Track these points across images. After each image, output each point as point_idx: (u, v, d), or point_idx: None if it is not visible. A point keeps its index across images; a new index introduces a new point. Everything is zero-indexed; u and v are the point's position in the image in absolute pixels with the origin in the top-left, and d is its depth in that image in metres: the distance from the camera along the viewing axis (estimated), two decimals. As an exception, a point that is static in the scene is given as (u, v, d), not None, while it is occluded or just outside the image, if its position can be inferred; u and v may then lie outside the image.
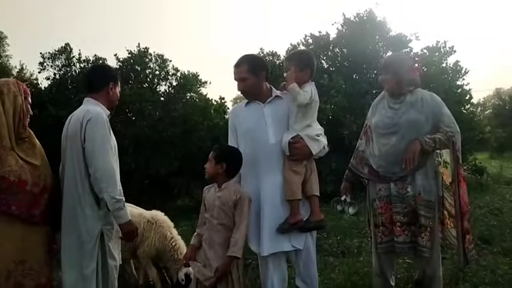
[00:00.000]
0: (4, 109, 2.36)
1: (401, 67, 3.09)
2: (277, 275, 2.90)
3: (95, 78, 2.90)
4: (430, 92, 3.29)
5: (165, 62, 11.82)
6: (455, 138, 2.96)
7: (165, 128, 10.54)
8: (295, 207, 2.75)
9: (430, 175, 3.05)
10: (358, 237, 5.64)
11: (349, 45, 11.81)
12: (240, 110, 3.11)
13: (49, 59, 11.50)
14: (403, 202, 3.07)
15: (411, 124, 3.03)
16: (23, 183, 2.33)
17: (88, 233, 2.59)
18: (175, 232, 4.38)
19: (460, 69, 11.39)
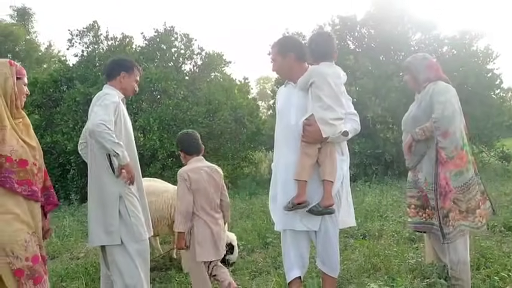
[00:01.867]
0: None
1: (418, 68, 3.30)
2: (294, 251, 2.95)
3: (109, 67, 3.31)
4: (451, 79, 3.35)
5: (190, 41, 11.86)
6: (438, 123, 3.07)
7: (189, 107, 10.64)
8: (300, 188, 2.78)
9: (432, 159, 3.17)
10: (379, 220, 5.65)
11: (377, 26, 11.58)
12: (280, 90, 3.22)
13: (77, 36, 11.68)
14: (416, 187, 3.32)
15: (413, 120, 3.28)
16: (24, 162, 2.40)
17: (108, 196, 3.00)
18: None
19: (491, 53, 11.05)
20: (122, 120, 3.09)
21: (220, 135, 10.82)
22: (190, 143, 3.49)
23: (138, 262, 3.06)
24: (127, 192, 3.04)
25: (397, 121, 10.32)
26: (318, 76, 2.81)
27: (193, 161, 3.42)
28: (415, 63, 3.34)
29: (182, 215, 3.25)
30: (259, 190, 9.51)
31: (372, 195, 7.32)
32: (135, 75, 3.29)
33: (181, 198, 3.29)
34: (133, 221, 3.03)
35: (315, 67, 2.88)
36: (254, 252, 4.92)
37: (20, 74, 2.50)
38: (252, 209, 7.19)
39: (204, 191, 3.30)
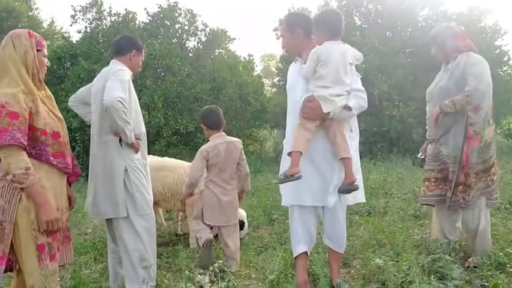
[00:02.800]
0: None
1: (444, 37, 3.27)
2: (302, 227, 2.97)
3: (121, 43, 3.26)
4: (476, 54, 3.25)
5: (194, 17, 11.72)
6: (471, 97, 3.05)
7: (193, 84, 10.59)
8: (293, 159, 2.75)
9: (460, 133, 3.16)
10: (384, 197, 5.67)
11: (384, 1, 11.39)
12: (290, 67, 3.16)
13: (80, 12, 11.56)
14: (436, 161, 3.33)
15: (440, 91, 3.25)
16: (57, 134, 2.42)
17: (115, 168, 3.02)
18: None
19: (499, 29, 10.88)
20: (132, 97, 3.10)
21: (225, 113, 10.69)
22: (213, 119, 3.70)
23: (144, 237, 3.09)
24: (132, 166, 3.06)
25: (403, 98, 10.29)
26: (323, 55, 2.77)
27: (214, 137, 3.65)
28: (441, 33, 3.31)
29: (190, 179, 3.64)
30: (264, 168, 9.55)
31: (377, 172, 7.32)
32: (142, 56, 3.31)
33: (192, 167, 3.66)
34: (137, 195, 3.05)
35: (319, 47, 2.81)
36: (260, 228, 4.96)
37: (39, 45, 2.44)
38: (257, 186, 7.23)
39: (219, 165, 3.59)
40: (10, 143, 2.15)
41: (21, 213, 2.24)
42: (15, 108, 2.19)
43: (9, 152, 2.18)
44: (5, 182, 2.25)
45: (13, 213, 2.23)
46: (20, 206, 2.24)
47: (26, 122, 2.23)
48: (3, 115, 2.17)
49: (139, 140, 3.11)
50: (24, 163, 2.19)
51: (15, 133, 2.17)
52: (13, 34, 2.38)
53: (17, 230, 2.24)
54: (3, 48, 2.35)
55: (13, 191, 2.24)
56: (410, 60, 10.67)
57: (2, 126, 2.16)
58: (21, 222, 2.25)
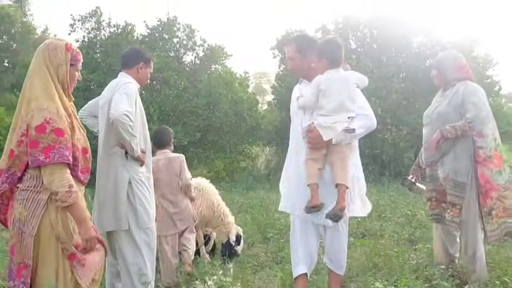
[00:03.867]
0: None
1: (447, 66, 3.39)
2: (302, 247, 2.96)
3: (128, 56, 3.28)
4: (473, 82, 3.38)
5: (193, 32, 11.84)
6: (473, 123, 3.19)
7: (189, 98, 10.65)
8: (312, 191, 2.79)
9: (462, 158, 3.28)
10: (378, 220, 5.71)
11: (379, 27, 11.64)
12: (295, 88, 3.18)
13: (79, 21, 11.59)
14: (435, 182, 3.47)
15: (439, 116, 3.36)
16: (85, 150, 2.40)
17: (119, 180, 3.00)
18: (219, 198, 4.59)
19: (491, 60, 11.18)
20: (139, 111, 3.11)
21: (220, 128, 10.85)
22: (156, 139, 3.95)
23: (144, 251, 3.08)
24: (136, 179, 3.06)
25: (396, 122, 10.44)
26: (323, 84, 2.82)
27: (157, 154, 3.92)
28: (445, 62, 3.42)
29: None
30: (256, 184, 9.56)
31: (369, 194, 7.34)
32: (150, 68, 3.33)
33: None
34: (139, 208, 3.04)
35: (319, 77, 2.86)
36: (254, 246, 4.95)
37: (75, 60, 2.37)
38: (249, 203, 7.23)
39: (162, 180, 3.81)
40: (59, 161, 2.14)
41: (44, 227, 2.21)
42: (59, 124, 2.16)
43: (55, 169, 2.15)
44: (31, 193, 2.22)
45: (35, 226, 2.19)
46: (44, 219, 2.21)
47: (70, 138, 2.21)
48: (47, 131, 2.13)
49: (144, 153, 3.12)
50: (67, 181, 2.17)
51: (63, 151, 2.15)
52: (50, 45, 2.32)
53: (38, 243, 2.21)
54: (38, 57, 2.31)
55: (38, 204, 2.21)
56: (404, 85, 10.87)
57: (48, 143, 2.12)
58: (43, 235, 2.21)
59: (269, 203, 7.01)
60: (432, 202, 3.51)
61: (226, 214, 4.50)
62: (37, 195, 2.22)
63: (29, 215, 2.21)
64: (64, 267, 2.26)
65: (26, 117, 2.20)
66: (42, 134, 2.12)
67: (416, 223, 5.30)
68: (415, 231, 5.01)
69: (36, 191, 2.23)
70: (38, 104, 2.17)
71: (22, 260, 2.23)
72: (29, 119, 2.17)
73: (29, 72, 2.32)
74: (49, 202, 2.21)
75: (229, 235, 4.44)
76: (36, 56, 2.31)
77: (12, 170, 2.29)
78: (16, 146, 2.25)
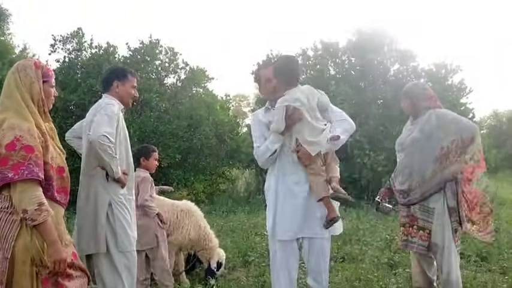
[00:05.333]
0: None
1: (418, 96, 3.56)
2: (283, 272, 2.96)
3: (104, 78, 3.33)
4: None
5: (175, 55, 11.89)
6: (462, 135, 3.33)
7: (170, 120, 10.64)
8: (326, 204, 2.86)
9: (432, 184, 3.41)
10: (357, 244, 5.78)
11: (358, 54, 11.94)
12: (260, 115, 3.22)
13: (60, 41, 11.52)
14: (408, 207, 3.55)
15: (412, 142, 3.50)
16: (61, 170, 2.38)
17: (98, 202, 2.99)
18: (205, 221, 4.62)
19: (465, 88, 11.57)
20: (122, 131, 3.12)
21: (200, 150, 10.83)
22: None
23: (124, 275, 3.04)
24: (117, 201, 3.04)
25: (374, 147, 10.62)
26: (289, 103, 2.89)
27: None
28: (415, 92, 3.59)
29: None
30: (236, 207, 9.54)
31: (349, 218, 7.46)
32: (130, 82, 3.26)
33: None
34: (119, 231, 3.02)
35: (283, 98, 2.92)
36: (235, 270, 4.95)
37: (46, 76, 2.39)
38: (230, 226, 7.21)
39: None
40: (28, 177, 2.11)
41: (19, 250, 2.15)
42: (30, 142, 2.15)
43: (25, 186, 2.12)
44: (4, 214, 2.18)
45: (9, 249, 2.13)
46: (18, 241, 2.15)
47: (41, 156, 2.19)
48: (17, 148, 2.12)
49: (126, 174, 3.11)
50: (37, 198, 2.12)
51: (32, 167, 2.12)
52: (19, 66, 2.35)
53: (12, 266, 2.14)
54: (9, 79, 2.32)
55: (11, 225, 2.17)
56: (381, 111, 11.12)
57: (17, 160, 2.11)
58: (17, 258, 2.15)
59: (249, 226, 7.01)
60: (406, 228, 3.58)
61: (210, 238, 4.52)
62: (10, 216, 2.18)
63: (2, 236, 2.16)
64: None
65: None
66: (12, 152, 2.12)
67: (396, 247, 5.37)
68: (394, 255, 5.09)
69: (10, 211, 2.19)
70: (9, 124, 2.17)
71: None
72: (0, 138, 2.16)
73: (1, 96, 2.32)
74: (23, 223, 2.16)
75: (211, 261, 4.43)
76: (7, 80, 2.33)
77: None
78: None
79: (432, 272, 3.63)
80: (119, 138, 3.07)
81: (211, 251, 4.46)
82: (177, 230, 4.32)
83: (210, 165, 11.20)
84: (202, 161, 11.07)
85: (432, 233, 3.40)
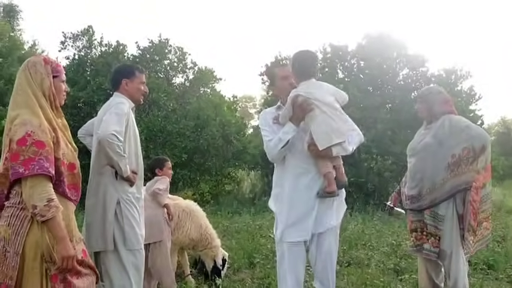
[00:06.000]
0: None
1: (434, 100, 3.52)
2: (291, 275, 2.92)
3: (112, 78, 3.31)
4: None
5: (184, 54, 11.94)
6: (474, 144, 3.30)
7: (177, 119, 10.67)
8: (330, 180, 2.84)
9: (442, 191, 3.38)
10: (363, 249, 5.74)
11: (367, 58, 11.92)
12: (270, 113, 3.16)
13: (70, 39, 11.60)
14: (417, 213, 3.53)
15: (425, 147, 3.48)
16: (73, 166, 2.38)
17: (108, 200, 2.99)
18: (207, 221, 4.61)
19: (474, 95, 11.50)
20: (131, 129, 3.10)
21: (206, 150, 10.84)
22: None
23: (131, 273, 3.04)
24: (125, 199, 3.04)
25: (382, 152, 10.58)
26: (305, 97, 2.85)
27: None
28: (433, 95, 3.56)
29: None
30: (242, 208, 9.53)
31: (354, 223, 7.43)
32: (138, 78, 3.23)
33: None
34: (127, 229, 3.01)
35: (296, 90, 2.88)
36: (240, 271, 4.93)
37: (56, 71, 2.39)
38: (235, 228, 7.20)
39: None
40: (38, 172, 2.10)
41: (30, 246, 2.16)
42: (41, 137, 2.15)
43: (35, 182, 2.12)
44: (16, 210, 2.20)
45: (20, 245, 2.14)
46: (29, 237, 2.16)
47: (52, 151, 2.19)
48: (28, 144, 2.12)
49: (136, 173, 3.11)
50: (47, 194, 2.12)
51: (42, 163, 2.12)
52: (28, 63, 2.36)
53: (22, 262, 2.15)
54: (20, 77, 2.34)
55: (22, 221, 2.17)
56: (389, 116, 11.09)
57: (28, 155, 2.11)
58: (28, 254, 2.16)
59: (255, 228, 7.00)
60: (418, 233, 3.56)
61: (213, 237, 4.51)
62: (21, 212, 2.19)
63: (13, 233, 2.16)
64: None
65: (9, 133, 2.21)
66: (23, 147, 2.12)
67: (402, 253, 5.35)
68: (400, 261, 5.06)
69: (21, 207, 2.19)
70: (20, 120, 2.19)
71: (3, 281, 2.16)
72: (12, 134, 2.17)
73: (12, 93, 2.34)
74: (34, 219, 2.16)
75: (216, 259, 4.43)
76: (18, 77, 2.35)
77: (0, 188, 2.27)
78: (2, 164, 2.25)
79: (440, 279, 3.61)
80: (128, 136, 3.06)
81: (215, 249, 4.46)
82: (178, 230, 4.31)
83: (215, 166, 11.21)
84: (208, 161, 11.08)
85: (441, 240, 3.38)
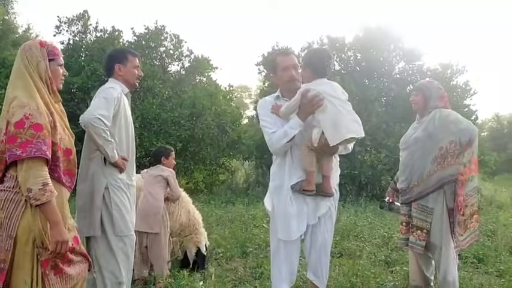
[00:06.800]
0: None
1: (431, 94, 3.53)
2: (286, 266, 2.94)
3: (105, 64, 3.27)
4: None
5: (180, 42, 11.85)
6: (461, 138, 3.33)
7: (173, 108, 10.62)
8: (308, 176, 2.83)
9: (431, 184, 3.42)
10: (355, 240, 5.78)
11: (363, 50, 11.90)
12: (268, 103, 3.09)
13: (65, 23, 11.46)
14: (407, 205, 3.59)
15: (416, 141, 3.51)
16: (69, 152, 2.36)
17: (95, 185, 2.98)
18: (193, 206, 4.68)
19: (469, 89, 11.53)
20: (123, 115, 3.07)
21: (201, 140, 10.81)
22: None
23: (120, 258, 3.03)
24: (114, 185, 3.03)
25: (375, 145, 10.62)
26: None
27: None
28: (431, 89, 3.56)
29: None
30: (235, 198, 9.55)
31: (347, 215, 7.47)
32: (131, 62, 3.20)
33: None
34: (116, 215, 3.01)
35: (306, 85, 2.88)
36: (233, 260, 4.95)
37: (52, 54, 2.37)
38: (228, 217, 7.21)
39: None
40: (36, 155, 2.09)
41: (23, 230, 2.15)
42: (39, 120, 2.14)
43: (31, 165, 2.11)
44: (10, 194, 2.18)
45: (14, 228, 2.14)
46: (23, 221, 2.15)
47: (49, 135, 2.18)
48: (26, 126, 2.11)
49: (126, 160, 3.08)
50: (42, 178, 2.11)
51: (40, 145, 2.10)
52: (25, 46, 2.35)
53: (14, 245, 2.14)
54: (17, 60, 2.33)
55: (16, 204, 2.16)
56: (384, 109, 11.11)
57: (26, 138, 2.09)
58: (20, 238, 2.15)
59: (248, 218, 7.02)
60: (403, 226, 3.62)
61: (199, 223, 4.58)
62: (15, 195, 2.18)
63: (7, 216, 2.16)
64: (38, 274, 2.20)
65: (6, 115, 2.19)
66: (21, 130, 2.11)
67: (393, 245, 5.39)
68: (391, 253, 5.10)
69: (15, 191, 2.19)
70: (18, 102, 2.17)
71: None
72: (9, 116, 2.16)
73: (10, 77, 2.33)
74: (28, 204, 2.16)
75: (199, 245, 4.47)
76: (16, 61, 2.34)
77: None
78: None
79: (430, 272, 3.65)
80: (119, 122, 3.03)
81: (199, 236, 4.52)
82: (169, 215, 4.36)
83: (210, 155, 11.20)
84: (203, 150, 11.07)
85: (431, 233, 3.41)
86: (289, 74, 2.98)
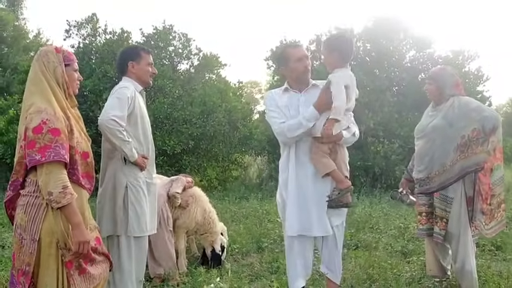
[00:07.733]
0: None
1: (446, 82, 3.48)
2: (300, 260, 2.99)
3: (118, 63, 3.27)
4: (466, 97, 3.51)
5: (188, 41, 11.86)
6: (484, 126, 3.28)
7: (183, 106, 10.65)
8: (336, 176, 2.86)
9: (452, 173, 3.38)
10: (370, 232, 5.77)
11: (373, 40, 11.77)
12: (276, 95, 3.08)
13: (75, 27, 11.55)
14: (426, 195, 3.53)
15: (434, 129, 3.44)
16: (86, 155, 2.42)
17: (116, 184, 3.02)
18: (211, 206, 4.70)
19: (482, 76, 11.36)
20: (138, 113, 3.07)
21: (213, 137, 10.83)
22: None
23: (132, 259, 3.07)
24: (134, 184, 3.06)
25: (388, 135, 10.54)
26: (349, 81, 2.87)
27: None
28: (444, 77, 3.51)
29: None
30: (249, 194, 9.57)
31: (362, 206, 7.44)
32: (145, 59, 3.20)
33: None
34: (131, 215, 3.04)
35: (339, 74, 2.87)
36: (249, 255, 4.98)
37: (68, 60, 2.43)
38: (243, 213, 7.24)
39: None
40: (55, 159, 2.15)
41: (45, 232, 2.21)
42: (56, 125, 2.20)
43: (51, 169, 2.17)
44: (31, 198, 2.24)
45: (37, 231, 2.20)
46: (45, 224, 2.22)
47: (66, 139, 2.24)
48: (44, 131, 2.16)
49: (146, 158, 3.10)
50: (61, 181, 2.17)
51: (59, 149, 2.17)
52: (41, 52, 2.40)
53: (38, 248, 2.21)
54: (34, 67, 2.38)
55: (38, 208, 2.22)
56: (396, 99, 11.00)
57: (44, 142, 2.15)
58: (44, 241, 2.22)
59: (262, 213, 7.04)
60: (422, 217, 3.58)
61: (215, 223, 4.58)
62: (37, 199, 2.23)
63: (29, 220, 2.22)
64: (63, 275, 2.27)
65: (24, 121, 2.24)
66: (39, 135, 2.16)
67: (409, 235, 5.36)
68: (407, 243, 5.08)
69: (36, 195, 2.24)
70: (36, 108, 2.22)
71: (21, 267, 2.23)
72: (28, 122, 2.20)
73: (27, 83, 2.38)
74: (49, 207, 2.21)
75: (214, 244, 4.48)
76: (32, 67, 2.39)
77: (15, 176, 2.32)
78: (17, 152, 2.29)
79: (447, 261, 3.62)
80: (134, 120, 3.05)
81: (214, 235, 4.52)
82: (185, 214, 4.39)
83: (222, 152, 11.22)
84: (215, 147, 11.09)
85: (449, 222, 3.38)
86: (304, 64, 2.98)
